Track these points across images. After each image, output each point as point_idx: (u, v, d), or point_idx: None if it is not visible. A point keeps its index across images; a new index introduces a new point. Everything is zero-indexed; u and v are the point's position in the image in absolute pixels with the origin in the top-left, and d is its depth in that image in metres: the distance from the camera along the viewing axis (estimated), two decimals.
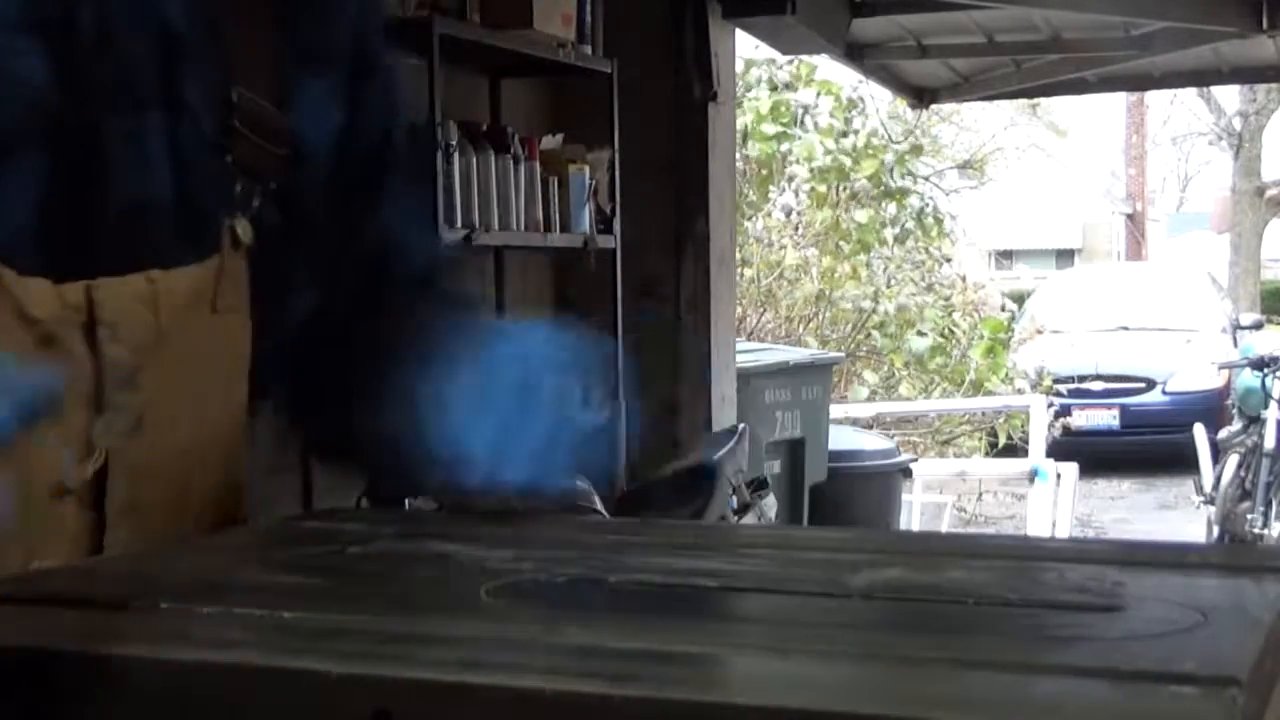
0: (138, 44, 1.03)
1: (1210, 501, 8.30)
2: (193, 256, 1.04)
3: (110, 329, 1.00)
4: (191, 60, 1.06)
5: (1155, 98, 23.23)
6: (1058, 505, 7.69)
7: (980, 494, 9.83)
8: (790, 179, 10.42)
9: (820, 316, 10.28)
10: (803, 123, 10.07)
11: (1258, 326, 11.99)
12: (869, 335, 10.44)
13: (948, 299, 11.02)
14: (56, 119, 0.99)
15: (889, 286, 10.70)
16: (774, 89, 10.04)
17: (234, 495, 1.14)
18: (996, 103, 10.50)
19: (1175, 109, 24.44)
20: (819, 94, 10.34)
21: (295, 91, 1.11)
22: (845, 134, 10.53)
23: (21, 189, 0.98)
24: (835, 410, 7.34)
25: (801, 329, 10.16)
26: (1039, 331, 12.38)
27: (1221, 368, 10.06)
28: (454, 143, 4.07)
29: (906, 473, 7.48)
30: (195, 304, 1.05)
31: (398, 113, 1.24)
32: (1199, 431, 8.93)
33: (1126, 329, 13.19)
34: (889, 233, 10.95)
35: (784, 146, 10.02)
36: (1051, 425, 9.33)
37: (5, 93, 0.97)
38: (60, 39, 1.00)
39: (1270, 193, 19.93)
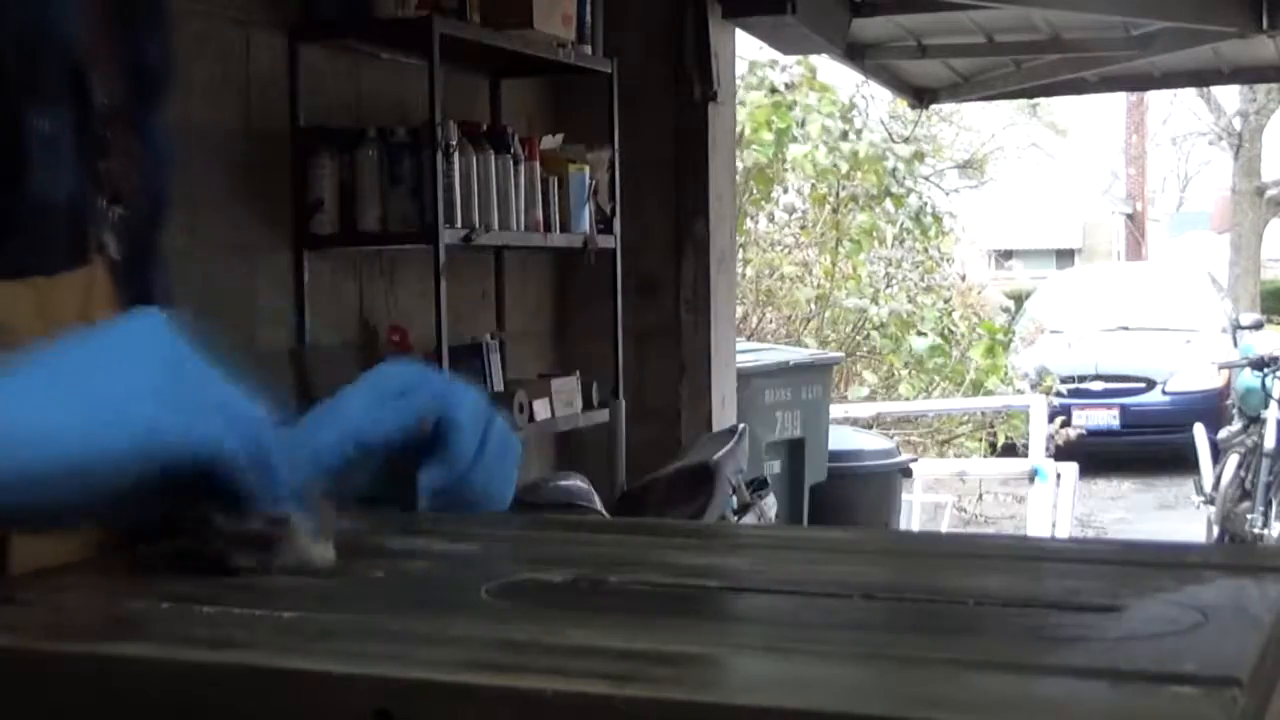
0: (43, 42, 1.01)
1: (1210, 501, 8.31)
2: (63, 262, 1.01)
3: (10, 335, 0.94)
4: (84, 63, 1.03)
5: (1155, 98, 23.28)
6: (1058, 505, 7.70)
7: (980, 494, 9.84)
8: (792, 176, 10.41)
9: (820, 317, 10.29)
10: (803, 126, 10.04)
11: (1258, 326, 11.99)
12: (869, 335, 10.44)
13: (947, 299, 11.03)
14: None
15: (887, 288, 10.70)
16: (772, 91, 10.02)
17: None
18: (996, 103, 10.49)
19: (1175, 109, 24.50)
20: (816, 96, 10.29)
21: (132, 109, 1.09)
22: (845, 135, 10.51)
23: None
24: (835, 410, 7.34)
25: (801, 329, 10.16)
26: (1040, 331, 12.39)
27: (1221, 368, 10.07)
28: (454, 143, 4.07)
29: (906, 473, 7.49)
30: (74, 313, 1.01)
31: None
32: (1199, 431, 8.94)
33: (1126, 329, 13.20)
34: (889, 231, 10.95)
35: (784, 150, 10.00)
36: (1055, 435, 9.35)
37: None
38: None
39: (1270, 193, 19.95)
